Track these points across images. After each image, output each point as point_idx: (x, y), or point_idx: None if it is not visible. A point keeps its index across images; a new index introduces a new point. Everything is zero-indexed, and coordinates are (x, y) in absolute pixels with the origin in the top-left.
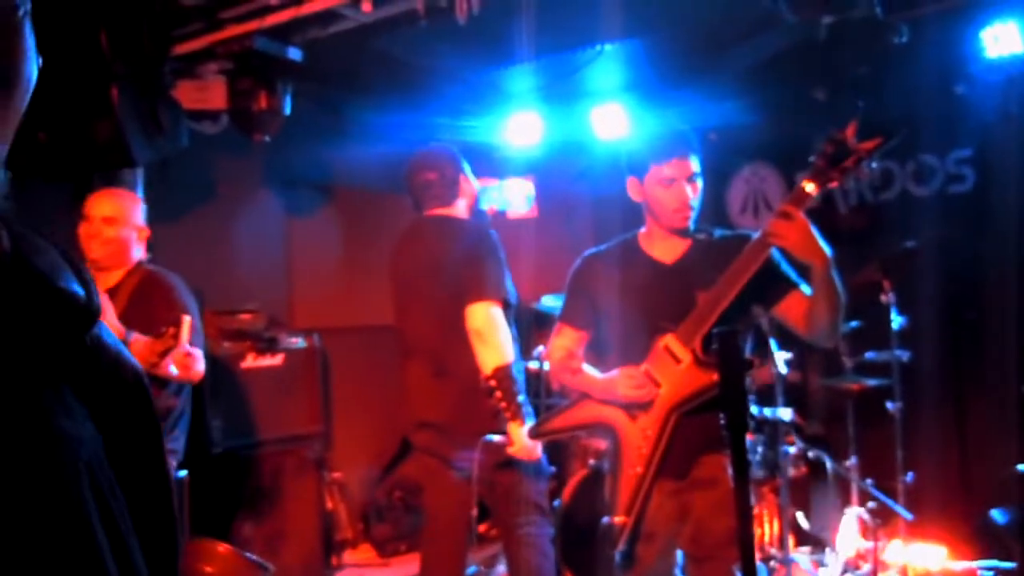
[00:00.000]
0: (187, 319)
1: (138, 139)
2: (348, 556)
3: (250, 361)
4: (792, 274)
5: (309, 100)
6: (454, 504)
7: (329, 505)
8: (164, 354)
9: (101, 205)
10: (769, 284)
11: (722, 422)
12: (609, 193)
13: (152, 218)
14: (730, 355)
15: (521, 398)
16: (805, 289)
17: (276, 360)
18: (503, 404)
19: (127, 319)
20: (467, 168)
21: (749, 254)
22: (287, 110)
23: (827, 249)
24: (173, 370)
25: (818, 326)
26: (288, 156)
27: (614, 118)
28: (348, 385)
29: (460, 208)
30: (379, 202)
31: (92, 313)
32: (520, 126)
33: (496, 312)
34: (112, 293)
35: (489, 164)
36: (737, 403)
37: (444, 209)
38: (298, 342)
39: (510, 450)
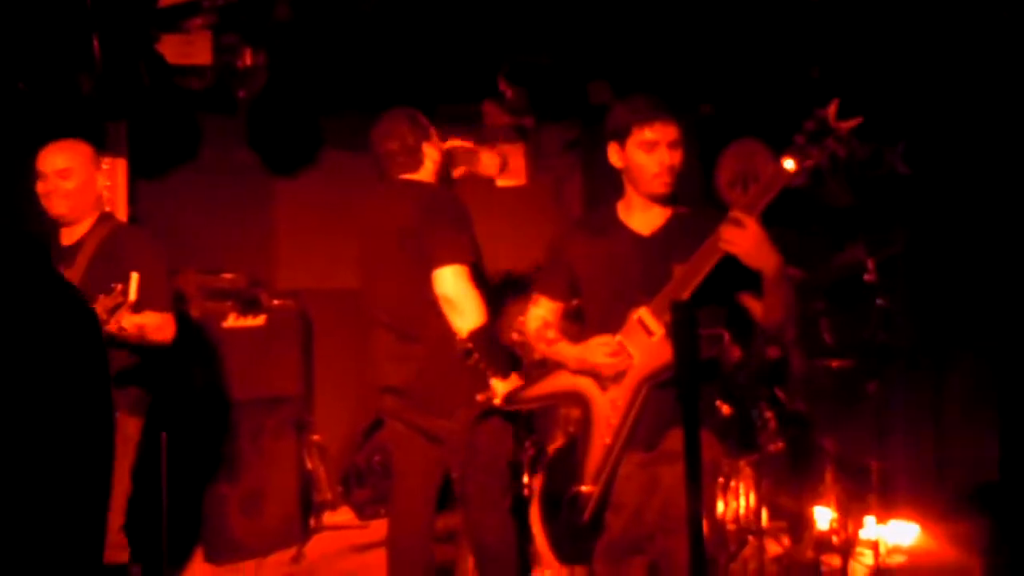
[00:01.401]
0: (135, 276)
1: (120, 93)
2: (327, 518)
3: (232, 321)
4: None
5: (294, 57)
6: (421, 470)
7: (309, 466)
8: (113, 311)
9: (53, 159)
10: (732, 272)
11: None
12: (599, 161)
13: (134, 174)
14: (683, 327)
15: (498, 354)
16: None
17: (258, 321)
18: (482, 364)
19: (92, 271)
20: (431, 132)
21: (707, 248)
22: (272, 68)
23: (777, 257)
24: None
25: (769, 322)
26: (273, 115)
27: (604, 86)
28: (330, 347)
29: (427, 172)
30: (365, 163)
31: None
32: (510, 93)
33: (464, 274)
34: (78, 246)
35: (479, 130)
36: (689, 376)
37: (410, 175)
38: (281, 303)
39: (496, 402)
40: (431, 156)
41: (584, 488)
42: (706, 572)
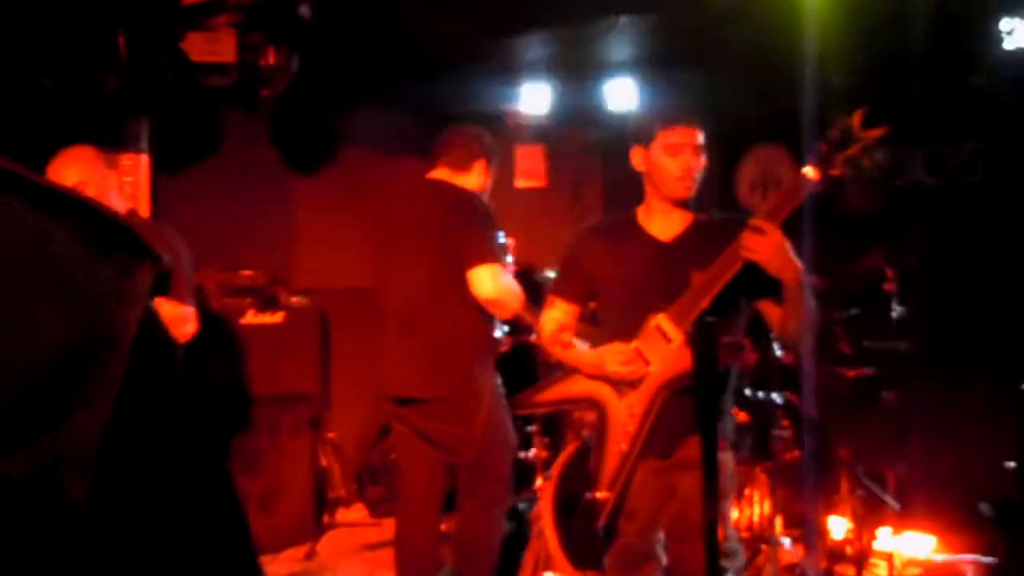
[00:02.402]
0: None
1: (145, 90)
2: (340, 515)
3: (250, 318)
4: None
5: (318, 57)
6: (426, 473)
7: (324, 463)
8: None
9: (64, 172)
10: (752, 281)
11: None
12: (619, 166)
13: (157, 171)
14: (706, 345)
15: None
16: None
17: (276, 318)
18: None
19: None
20: (492, 161)
21: (728, 256)
22: (295, 66)
23: (798, 265)
24: None
25: (787, 333)
26: (295, 113)
27: (626, 89)
28: (347, 346)
29: (467, 181)
30: (385, 164)
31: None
32: (531, 95)
33: (495, 272)
34: None
35: (498, 132)
36: (709, 394)
37: (451, 174)
38: (300, 301)
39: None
40: (478, 176)
41: (599, 494)
42: None
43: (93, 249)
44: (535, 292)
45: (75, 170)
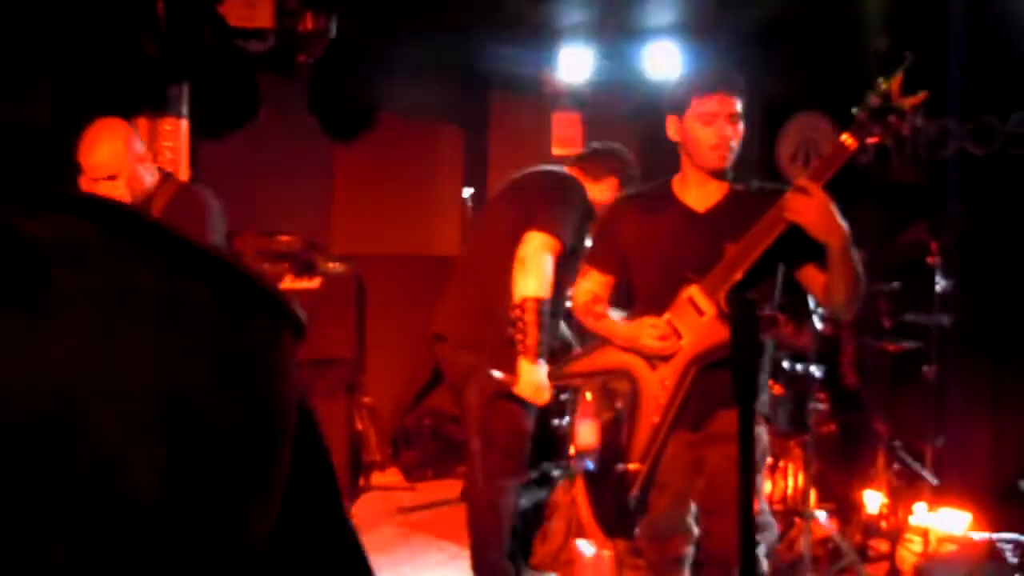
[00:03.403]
0: None
1: (184, 55)
2: (376, 478)
3: (288, 283)
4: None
5: (356, 23)
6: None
7: (359, 427)
8: None
9: (94, 156)
10: (794, 247)
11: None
12: (658, 134)
13: (196, 136)
14: (743, 321)
15: (541, 337)
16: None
17: (313, 283)
18: (520, 336)
19: None
20: (625, 184)
21: (769, 221)
22: (333, 32)
23: (845, 228)
24: None
25: (833, 300)
26: (333, 79)
27: (665, 57)
28: (384, 312)
29: (592, 190)
30: (423, 130)
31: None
32: (570, 60)
33: (547, 244)
34: (144, 206)
35: (537, 97)
36: (746, 370)
37: (581, 176)
38: (336, 267)
39: (515, 388)
40: (607, 190)
41: (631, 466)
42: (755, 556)
43: (236, 313)
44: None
45: (102, 154)
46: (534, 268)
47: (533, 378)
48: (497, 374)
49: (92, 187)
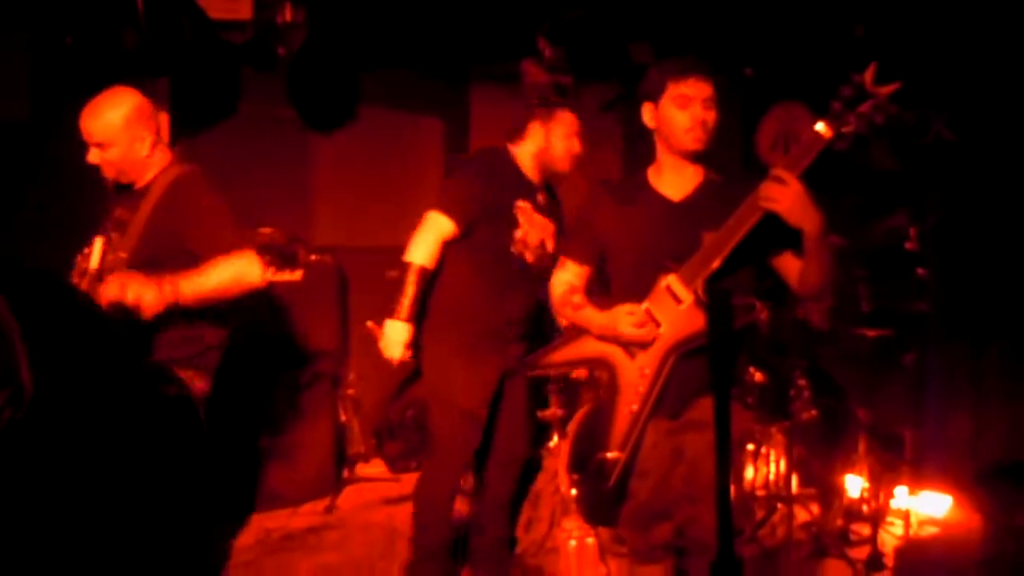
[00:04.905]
0: (98, 241)
1: (163, 47)
2: (360, 470)
3: (270, 275)
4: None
5: (335, 15)
6: None
7: (343, 419)
8: (82, 276)
9: (87, 120)
10: (770, 234)
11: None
12: (637, 125)
13: (175, 128)
14: (720, 309)
15: (411, 301)
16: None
17: (295, 276)
18: (397, 296)
19: (152, 222)
20: (549, 112)
21: (745, 209)
22: (311, 24)
23: (820, 216)
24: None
25: (808, 286)
26: (313, 70)
27: (645, 48)
28: (365, 303)
29: (523, 149)
30: (402, 123)
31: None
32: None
33: (432, 218)
34: (146, 190)
35: (519, 89)
36: (723, 358)
37: (510, 147)
38: (318, 259)
39: (380, 343)
40: (535, 137)
41: (610, 455)
42: (733, 544)
43: None
44: None
45: (93, 124)
46: (416, 237)
47: (391, 334)
48: (369, 324)
49: (92, 156)
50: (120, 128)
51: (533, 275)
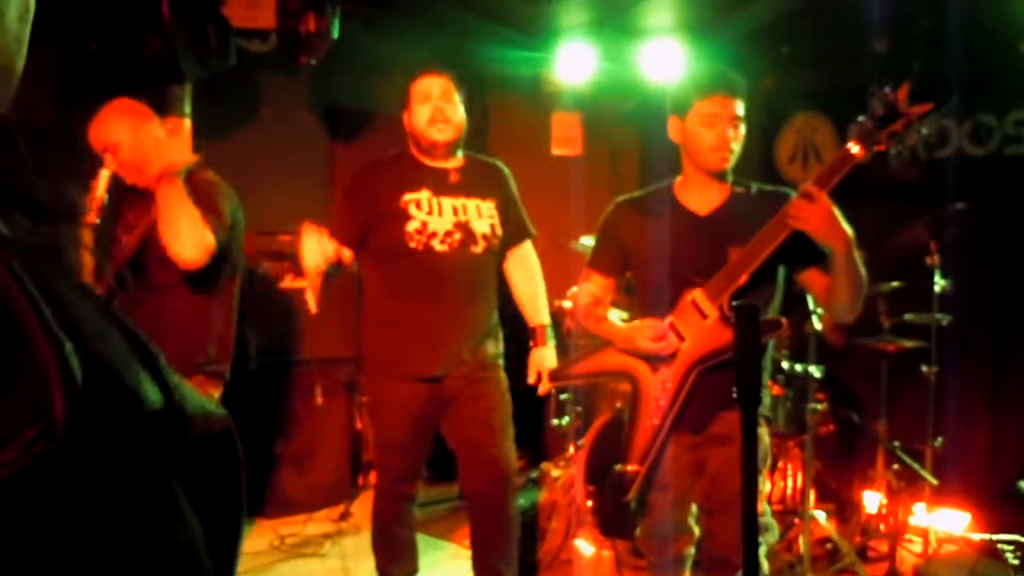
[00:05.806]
0: (104, 172)
1: (187, 55)
2: (375, 476)
3: (289, 282)
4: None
5: (358, 24)
6: None
7: (359, 426)
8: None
9: (97, 135)
10: (796, 250)
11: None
12: (656, 135)
13: (197, 135)
14: (746, 329)
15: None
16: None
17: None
18: None
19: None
20: (419, 82)
21: (773, 226)
22: (335, 33)
23: (849, 233)
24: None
25: (836, 304)
26: (334, 80)
27: (665, 58)
28: None
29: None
30: None
31: (177, 418)
32: (569, 60)
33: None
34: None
35: (536, 97)
36: (750, 375)
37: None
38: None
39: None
40: (410, 114)
41: (630, 467)
42: (758, 561)
43: None
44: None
45: (102, 131)
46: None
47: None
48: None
49: (107, 162)
50: (120, 125)
51: (461, 264)
